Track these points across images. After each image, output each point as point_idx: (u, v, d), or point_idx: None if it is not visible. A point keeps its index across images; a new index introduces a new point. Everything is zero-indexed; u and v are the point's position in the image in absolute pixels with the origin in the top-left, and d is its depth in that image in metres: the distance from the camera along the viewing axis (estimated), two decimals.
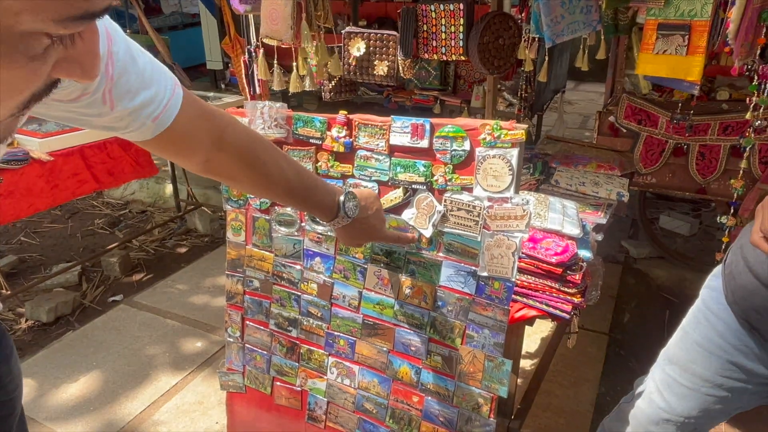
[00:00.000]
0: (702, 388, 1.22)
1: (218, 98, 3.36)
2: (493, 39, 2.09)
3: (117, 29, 0.69)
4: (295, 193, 1.01)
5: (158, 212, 4.03)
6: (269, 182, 0.98)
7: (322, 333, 1.39)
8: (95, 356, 2.48)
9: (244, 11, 2.35)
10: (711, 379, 1.20)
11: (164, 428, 2.09)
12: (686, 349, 1.25)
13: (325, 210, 1.04)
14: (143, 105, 0.73)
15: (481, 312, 1.19)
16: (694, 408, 1.23)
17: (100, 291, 3.03)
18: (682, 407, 1.25)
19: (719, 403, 1.22)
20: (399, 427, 1.35)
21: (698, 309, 1.27)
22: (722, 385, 1.20)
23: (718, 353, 1.19)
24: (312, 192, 1.03)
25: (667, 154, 2.45)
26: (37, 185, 2.41)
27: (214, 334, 2.64)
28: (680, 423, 1.27)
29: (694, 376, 1.22)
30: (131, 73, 0.71)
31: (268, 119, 1.31)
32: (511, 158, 1.12)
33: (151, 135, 0.78)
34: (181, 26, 6.96)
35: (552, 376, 2.22)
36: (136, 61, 0.71)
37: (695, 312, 1.28)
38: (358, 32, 2.25)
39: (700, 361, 1.21)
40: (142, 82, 0.72)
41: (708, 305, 1.23)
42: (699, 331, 1.23)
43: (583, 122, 5.83)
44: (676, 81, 1.92)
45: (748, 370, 1.16)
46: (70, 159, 2.56)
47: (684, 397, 1.24)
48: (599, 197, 1.92)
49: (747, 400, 1.21)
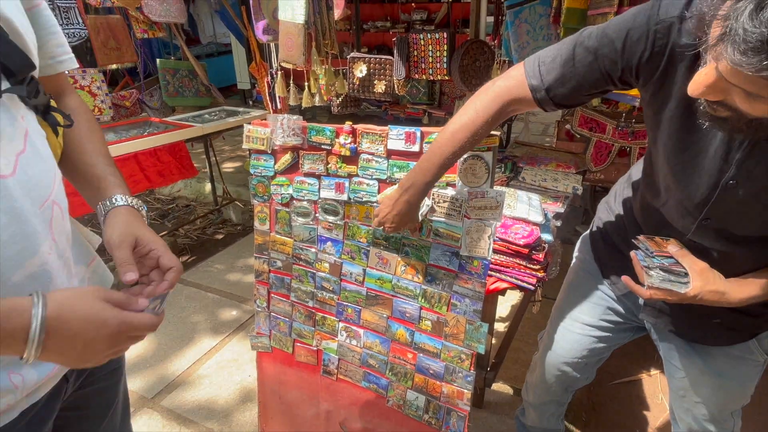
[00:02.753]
0: (589, 332, 1.22)
1: (247, 112, 3.31)
2: (471, 62, 2.07)
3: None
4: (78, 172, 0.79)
5: (199, 206, 4.01)
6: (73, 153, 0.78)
7: (334, 303, 1.38)
8: None
9: (266, 40, 2.32)
10: (595, 324, 1.21)
11: (207, 380, 2.09)
12: (572, 303, 1.25)
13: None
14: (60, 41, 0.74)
15: (463, 285, 1.18)
16: (584, 349, 1.24)
17: None
18: (575, 350, 1.25)
19: (602, 342, 1.23)
20: (397, 378, 1.34)
21: (578, 270, 1.28)
22: (604, 327, 1.21)
23: (599, 303, 1.20)
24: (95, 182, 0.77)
25: (614, 155, 2.43)
26: None
27: (246, 304, 2.63)
28: (574, 362, 1.27)
29: (583, 324, 1.22)
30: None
31: (287, 129, 1.29)
32: (488, 159, 1.10)
33: (74, 65, 0.77)
34: (216, 54, 6.89)
35: (520, 336, 2.22)
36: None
37: (576, 273, 1.28)
38: (360, 57, 2.23)
39: (587, 311, 1.22)
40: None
41: (584, 266, 1.24)
42: (581, 287, 1.24)
43: (545, 130, 5.79)
44: (620, 95, 1.90)
45: (620, 313, 1.18)
46: (127, 163, 2.53)
47: (575, 342, 1.25)
48: (558, 191, 1.91)
49: (623, 337, 1.23)
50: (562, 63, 0.87)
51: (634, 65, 0.81)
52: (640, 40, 0.78)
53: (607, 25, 0.83)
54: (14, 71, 0.59)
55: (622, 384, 2.05)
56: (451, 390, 1.25)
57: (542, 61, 0.90)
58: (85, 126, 0.81)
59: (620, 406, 1.94)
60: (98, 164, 0.78)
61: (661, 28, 0.76)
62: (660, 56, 0.78)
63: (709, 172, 0.82)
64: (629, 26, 0.79)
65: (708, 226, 0.88)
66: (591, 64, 0.84)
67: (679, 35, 0.75)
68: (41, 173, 0.64)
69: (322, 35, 2.00)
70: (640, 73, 0.82)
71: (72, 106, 0.81)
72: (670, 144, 0.85)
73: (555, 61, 0.88)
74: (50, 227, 0.65)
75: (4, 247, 0.57)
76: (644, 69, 0.81)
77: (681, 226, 0.93)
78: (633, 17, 0.79)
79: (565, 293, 1.30)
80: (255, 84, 5.24)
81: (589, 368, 1.30)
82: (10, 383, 0.63)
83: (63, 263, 0.69)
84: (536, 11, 2.09)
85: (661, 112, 0.84)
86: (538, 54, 0.93)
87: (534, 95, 0.91)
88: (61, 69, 0.75)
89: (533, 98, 0.91)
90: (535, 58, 0.92)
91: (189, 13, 5.78)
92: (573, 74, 0.87)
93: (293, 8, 1.88)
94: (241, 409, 1.93)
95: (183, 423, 1.88)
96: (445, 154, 0.99)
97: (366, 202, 1.24)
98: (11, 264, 0.59)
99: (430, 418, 1.30)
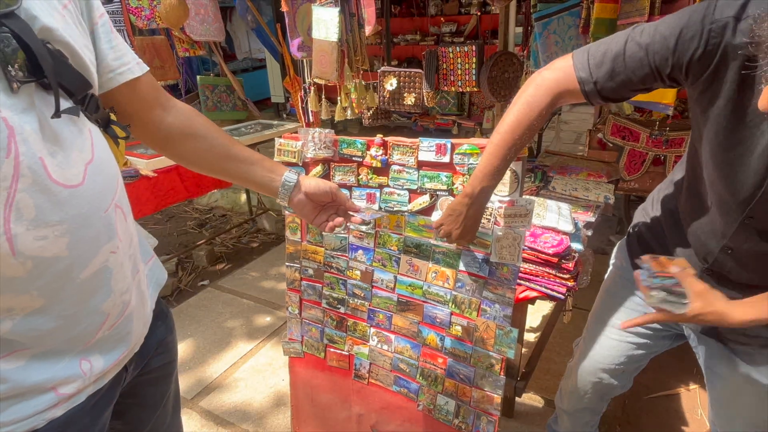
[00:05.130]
0: (627, 339, 1.20)
1: (281, 125, 3.41)
2: (500, 73, 2.10)
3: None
4: (231, 166, 0.92)
5: (235, 215, 4.13)
6: (207, 154, 0.90)
7: (365, 309, 1.41)
8: (189, 328, 2.57)
9: (300, 57, 2.41)
10: (633, 330, 1.19)
11: (242, 383, 2.16)
12: (610, 309, 1.23)
13: (266, 189, 0.96)
14: (122, 50, 0.77)
15: (493, 291, 1.20)
16: (622, 355, 1.23)
17: (192, 277, 3.13)
18: (612, 356, 1.24)
19: (641, 349, 1.21)
20: (427, 382, 1.36)
21: (615, 276, 1.27)
22: (642, 333, 1.19)
23: (636, 308, 1.18)
24: (251, 168, 0.93)
25: (648, 163, 2.39)
26: (144, 195, 2.50)
27: (280, 311, 2.70)
28: (611, 369, 1.26)
29: (620, 330, 1.20)
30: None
31: (318, 142, 1.31)
32: (517, 169, 1.13)
33: (133, 75, 0.78)
34: (251, 69, 7.10)
35: (551, 346, 2.20)
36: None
37: (613, 279, 1.27)
38: (391, 71, 2.29)
39: (624, 316, 1.19)
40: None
41: (621, 272, 1.23)
42: (618, 294, 1.23)
43: (576, 139, 5.70)
44: (653, 104, 1.88)
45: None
46: (168, 175, 2.64)
47: (613, 348, 1.23)
48: (589, 200, 1.90)
49: (661, 345, 1.21)
50: (612, 57, 0.89)
51: (685, 63, 0.82)
52: (694, 38, 0.80)
53: (660, 22, 0.85)
54: (73, 92, 0.66)
55: (659, 398, 2.00)
56: (481, 395, 1.27)
57: (592, 54, 0.91)
58: (213, 128, 0.91)
59: (656, 420, 1.90)
60: (248, 150, 0.95)
61: (716, 27, 0.77)
62: (712, 55, 0.79)
63: (755, 170, 0.83)
64: (683, 24, 0.81)
65: (750, 225, 0.88)
66: (642, 59, 0.86)
67: (733, 35, 0.76)
68: (106, 180, 0.70)
69: (354, 52, 2.07)
70: (690, 71, 0.83)
71: (185, 114, 0.88)
72: (716, 141, 0.86)
73: (606, 55, 0.89)
74: (114, 228, 0.72)
75: (73, 249, 0.65)
76: (695, 67, 0.82)
77: (723, 224, 0.92)
78: (688, 16, 0.81)
79: (602, 299, 1.29)
80: (289, 98, 5.39)
81: (626, 376, 1.28)
82: (80, 370, 0.71)
83: (128, 260, 0.76)
84: (565, 22, 2.11)
85: (708, 109, 0.84)
86: (588, 47, 0.94)
87: (582, 87, 0.92)
88: (121, 81, 0.77)
89: (581, 90, 0.93)
90: (585, 50, 0.93)
91: (226, 30, 6.02)
92: (623, 69, 0.88)
93: (327, 27, 1.96)
94: (275, 412, 1.99)
95: (220, 423, 1.95)
96: (504, 154, 0.99)
97: (397, 212, 1.28)
98: (79, 263, 0.66)
99: (460, 422, 1.32)
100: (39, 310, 0.64)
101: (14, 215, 0.57)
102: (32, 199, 0.59)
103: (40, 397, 0.68)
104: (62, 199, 0.62)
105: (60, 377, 0.69)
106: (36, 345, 0.66)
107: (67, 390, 0.70)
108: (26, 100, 0.58)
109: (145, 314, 0.84)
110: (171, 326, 0.98)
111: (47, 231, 0.61)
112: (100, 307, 0.71)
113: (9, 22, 0.56)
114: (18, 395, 0.66)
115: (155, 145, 0.89)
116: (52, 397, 0.69)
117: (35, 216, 0.59)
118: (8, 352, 0.64)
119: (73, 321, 0.68)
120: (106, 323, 0.73)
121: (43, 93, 0.60)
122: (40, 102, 0.60)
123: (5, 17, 0.55)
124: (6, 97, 0.56)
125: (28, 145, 0.57)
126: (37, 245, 0.60)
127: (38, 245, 0.60)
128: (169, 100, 0.87)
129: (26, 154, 0.57)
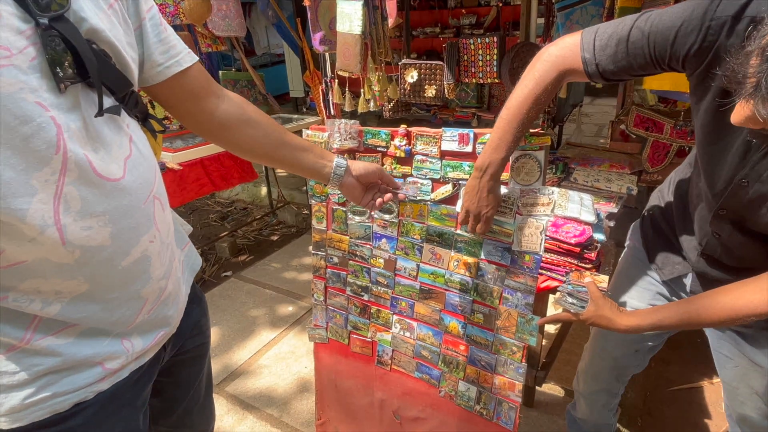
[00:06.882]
0: None
1: (301, 119, 3.45)
2: (521, 64, 2.10)
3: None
4: (285, 153, 0.95)
5: (256, 208, 4.21)
6: (264, 141, 0.92)
7: (388, 297, 1.44)
8: (213, 317, 2.64)
9: (322, 50, 2.45)
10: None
11: (267, 370, 2.22)
12: (624, 289, 1.27)
13: (317, 174, 1.00)
14: (173, 42, 0.79)
15: (514, 279, 1.22)
16: (635, 335, 1.24)
17: (215, 268, 3.21)
18: (626, 336, 1.26)
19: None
20: (449, 369, 1.39)
21: (628, 256, 1.31)
22: None
23: (648, 287, 1.22)
24: (303, 155, 0.98)
25: (672, 154, 2.36)
26: (170, 188, 2.56)
27: (302, 300, 2.75)
28: (625, 348, 1.31)
29: (633, 309, 1.22)
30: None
31: (344, 133, 1.35)
32: (539, 158, 1.14)
33: (181, 67, 0.79)
34: (270, 64, 7.18)
35: (571, 338, 2.20)
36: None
37: (626, 259, 1.31)
38: (411, 63, 2.30)
39: (636, 295, 1.24)
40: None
41: (634, 253, 1.27)
42: (631, 274, 1.26)
43: (598, 131, 5.63)
44: (678, 93, 1.87)
45: (669, 299, 1.20)
46: (194, 168, 2.71)
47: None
48: (611, 191, 1.89)
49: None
50: (617, 41, 0.90)
51: (682, 56, 0.83)
52: (692, 32, 0.81)
53: (666, 10, 0.86)
54: (115, 90, 0.69)
55: (681, 390, 1.99)
56: (503, 381, 1.29)
57: (599, 36, 0.93)
58: (265, 115, 0.94)
59: (678, 413, 1.89)
60: (299, 138, 1.00)
61: (715, 24, 0.78)
62: (707, 51, 0.80)
63: (729, 166, 0.87)
64: (684, 17, 0.82)
65: (723, 216, 0.95)
66: (642, 48, 0.87)
67: (728, 35, 0.77)
68: (144, 173, 0.74)
69: (377, 44, 2.10)
70: (686, 64, 0.85)
71: (237, 101, 0.90)
72: (703, 134, 0.90)
73: (611, 38, 0.91)
74: (152, 219, 0.76)
75: (115, 239, 0.69)
76: (691, 61, 0.83)
77: (708, 212, 0.99)
78: (691, 9, 0.82)
79: (615, 279, 1.32)
80: (308, 92, 5.44)
81: (640, 355, 1.30)
82: (123, 348, 0.76)
83: (165, 248, 0.80)
84: (588, 12, 2.09)
85: (700, 102, 0.87)
86: (597, 27, 0.95)
87: (585, 68, 0.95)
88: (173, 72, 0.79)
89: (584, 70, 0.95)
90: (593, 30, 0.95)
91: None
92: (624, 55, 0.90)
93: (351, 20, 1.99)
94: (298, 398, 2.05)
95: (246, 408, 2.01)
96: (515, 127, 1.03)
97: (420, 201, 1.31)
98: (120, 252, 0.71)
99: (481, 408, 1.34)
100: (84, 294, 0.69)
101: (63, 207, 0.62)
102: (78, 192, 0.63)
103: (89, 370, 0.73)
104: (105, 191, 0.66)
105: (106, 353, 0.74)
106: (83, 324, 0.71)
107: (113, 365, 0.75)
108: (72, 100, 0.61)
109: (181, 298, 0.89)
110: (205, 309, 1.03)
111: (92, 221, 0.65)
112: (140, 293, 0.75)
113: (58, 25, 0.58)
114: (71, 368, 0.71)
115: (208, 134, 0.91)
116: (99, 371, 0.74)
117: (81, 207, 0.64)
118: (59, 329, 0.69)
119: (115, 305, 0.73)
120: (144, 308, 0.77)
121: (88, 91, 0.64)
122: (84, 101, 0.63)
123: (55, 20, 0.58)
124: (54, 97, 0.59)
125: (74, 142, 0.61)
126: (84, 235, 0.65)
127: (85, 235, 0.65)
128: (220, 89, 0.89)
129: (73, 150, 0.61)
